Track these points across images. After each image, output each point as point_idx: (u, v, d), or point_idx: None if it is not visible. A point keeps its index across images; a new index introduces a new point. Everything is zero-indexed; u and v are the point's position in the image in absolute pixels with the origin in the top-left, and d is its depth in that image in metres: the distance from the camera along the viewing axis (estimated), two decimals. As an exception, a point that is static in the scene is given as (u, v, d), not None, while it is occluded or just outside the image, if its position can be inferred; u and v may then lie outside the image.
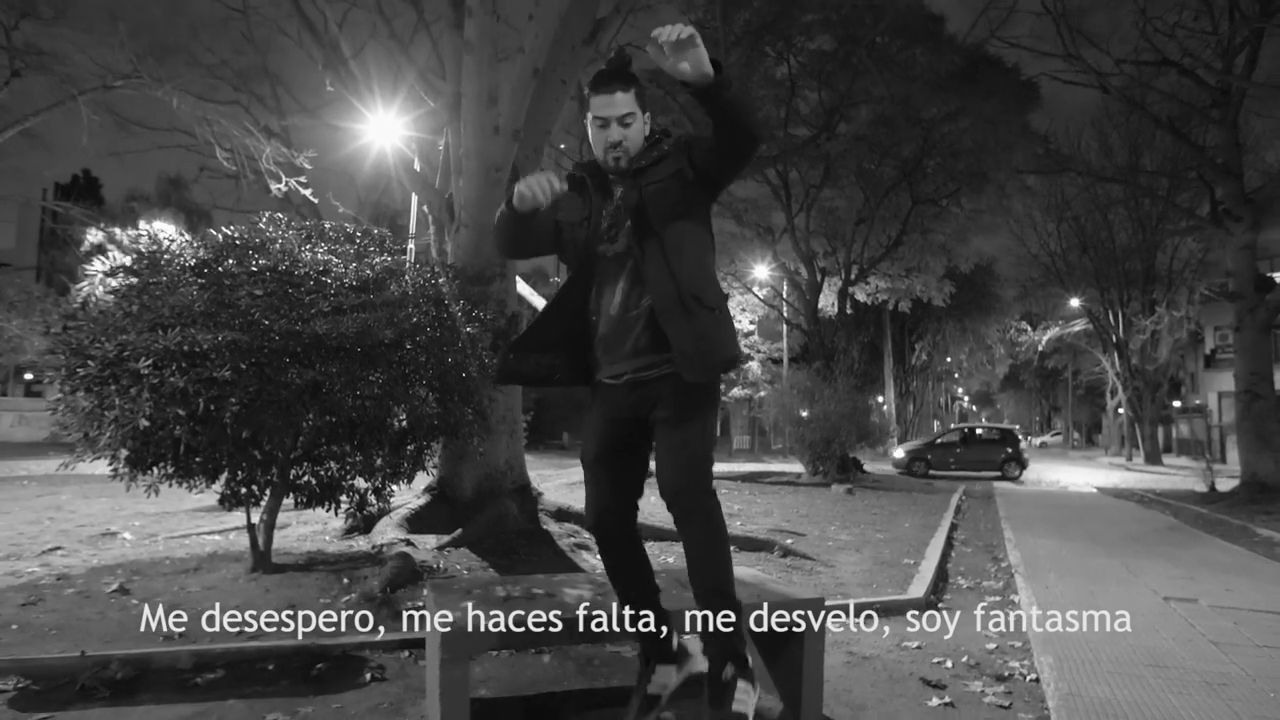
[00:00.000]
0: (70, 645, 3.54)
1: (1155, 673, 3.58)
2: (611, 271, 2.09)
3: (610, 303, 2.07)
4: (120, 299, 4.51)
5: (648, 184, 2.05)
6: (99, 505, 8.51)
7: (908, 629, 4.45)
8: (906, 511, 10.36)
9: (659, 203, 2.05)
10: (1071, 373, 44.62)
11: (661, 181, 2.05)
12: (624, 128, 2.02)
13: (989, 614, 4.86)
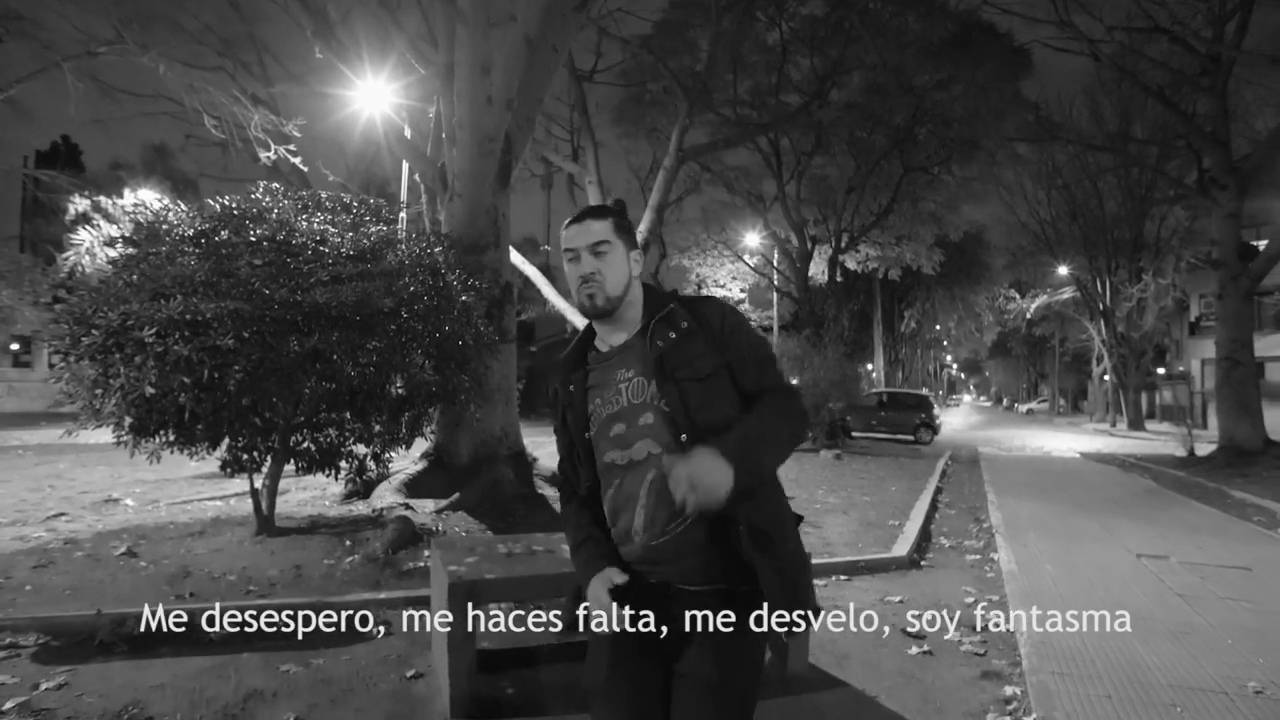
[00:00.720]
0: (85, 605, 3.67)
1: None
2: (627, 484, 1.59)
3: (630, 524, 1.58)
4: (120, 269, 4.57)
5: (683, 378, 1.56)
6: (98, 473, 8.60)
7: (891, 585, 4.64)
8: (893, 476, 10.58)
9: (705, 405, 1.56)
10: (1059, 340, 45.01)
11: (703, 381, 1.57)
12: (596, 257, 1.61)
13: (969, 571, 5.06)
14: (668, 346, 1.59)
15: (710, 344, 1.60)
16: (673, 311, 1.63)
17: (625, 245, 1.65)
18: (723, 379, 1.58)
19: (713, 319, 1.63)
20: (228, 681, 2.94)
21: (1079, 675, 3.10)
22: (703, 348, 1.59)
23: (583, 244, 1.62)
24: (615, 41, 15.57)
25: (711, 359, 1.58)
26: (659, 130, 18.71)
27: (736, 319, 1.66)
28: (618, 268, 1.62)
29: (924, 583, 4.75)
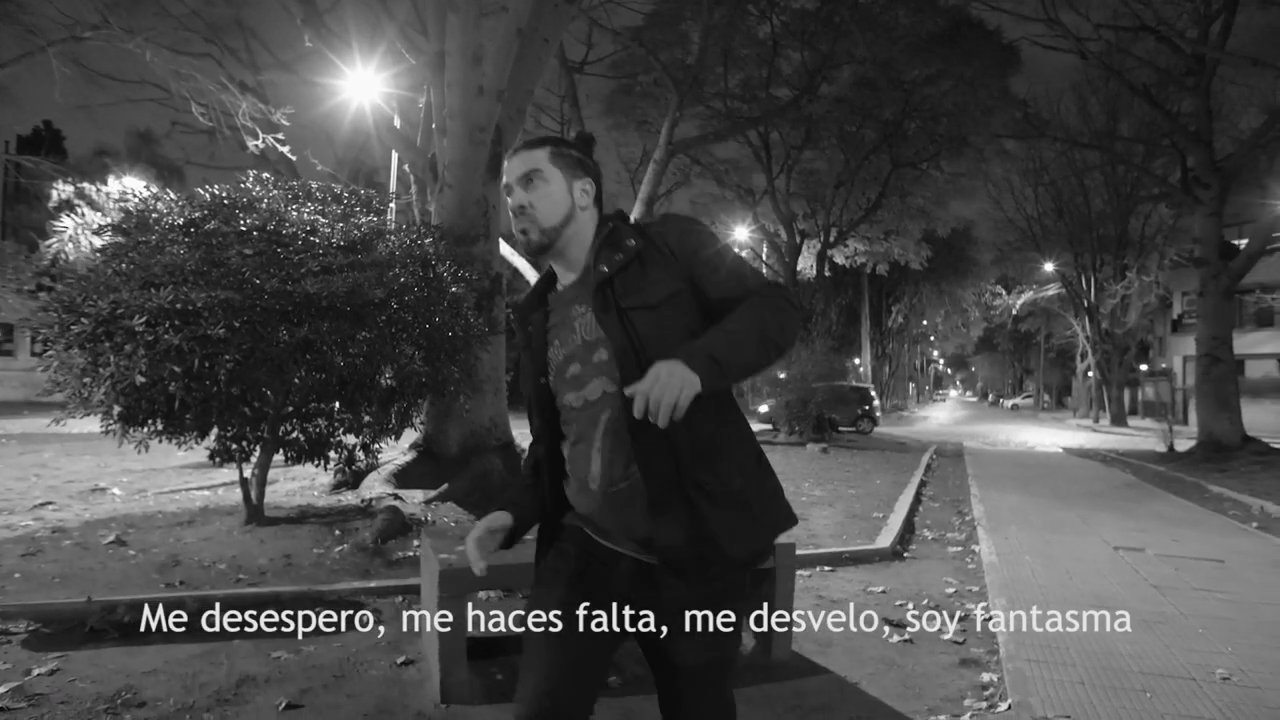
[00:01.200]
0: (75, 592, 3.69)
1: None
2: (583, 427, 1.44)
3: (587, 471, 1.43)
4: (109, 257, 4.57)
5: (631, 306, 1.39)
6: (84, 463, 8.57)
7: (874, 576, 4.72)
8: (879, 469, 10.70)
9: (656, 339, 1.37)
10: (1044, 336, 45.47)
11: (654, 309, 1.39)
12: (527, 189, 1.48)
13: (951, 562, 5.16)
14: (611, 271, 1.42)
15: (665, 266, 1.42)
16: (615, 231, 1.48)
17: (565, 174, 1.50)
18: (680, 305, 1.40)
19: (669, 236, 1.45)
20: (220, 667, 2.97)
21: (1054, 662, 3.18)
22: (656, 272, 1.42)
23: (514, 176, 1.50)
24: (606, 33, 15.57)
25: (667, 283, 1.40)
26: (649, 122, 18.72)
27: (699, 232, 1.48)
28: (551, 198, 1.48)
29: (906, 574, 4.83)
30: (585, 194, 1.51)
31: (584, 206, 1.51)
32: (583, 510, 1.47)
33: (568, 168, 1.50)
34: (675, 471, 1.36)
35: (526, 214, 1.47)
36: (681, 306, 1.39)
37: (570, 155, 1.51)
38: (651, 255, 1.43)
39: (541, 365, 1.52)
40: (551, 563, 1.49)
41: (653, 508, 1.36)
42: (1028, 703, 2.75)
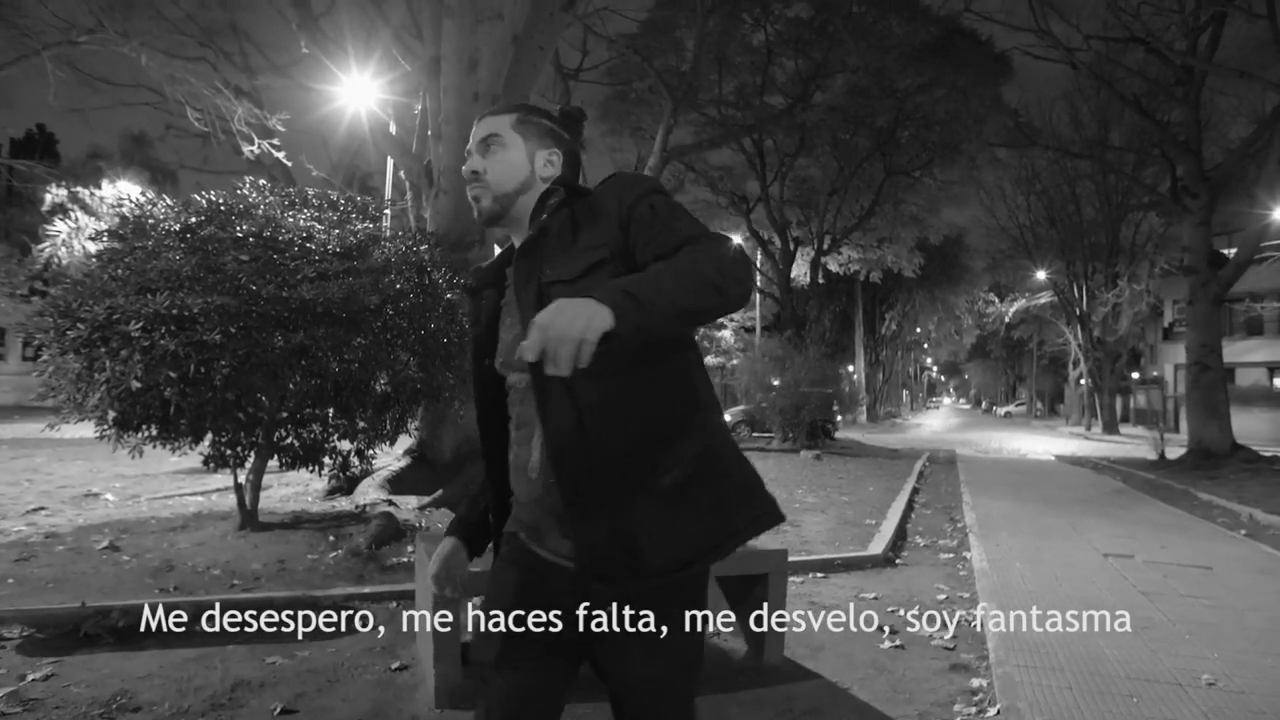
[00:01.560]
0: (69, 597, 3.69)
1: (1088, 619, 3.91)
2: (526, 411, 1.31)
3: (528, 459, 1.30)
4: (105, 262, 4.58)
5: (550, 280, 1.24)
6: (76, 468, 8.54)
7: (866, 582, 4.76)
8: (872, 476, 10.74)
9: None
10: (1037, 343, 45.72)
11: (572, 283, 1.21)
12: (484, 155, 1.38)
13: (942, 569, 5.19)
14: (533, 241, 1.29)
15: (597, 230, 1.25)
16: (550, 192, 1.37)
17: (528, 141, 1.38)
18: (601, 279, 1.19)
19: (608, 194, 1.29)
20: (215, 671, 2.98)
21: (1043, 667, 3.22)
22: (586, 238, 1.25)
23: (474, 141, 1.40)
24: (601, 40, 15.63)
25: (592, 252, 1.24)
26: (644, 129, 18.81)
27: (643, 185, 1.30)
28: (507, 164, 1.37)
29: (898, 580, 4.87)
30: (550, 165, 1.39)
31: (546, 177, 1.39)
32: (523, 498, 1.34)
33: (534, 135, 1.39)
34: (589, 457, 1.20)
35: (480, 180, 1.38)
36: (602, 280, 1.16)
37: (539, 124, 1.41)
38: (585, 218, 1.28)
39: (489, 345, 1.40)
40: (494, 583, 1.37)
41: (566, 501, 1.21)
42: (1016, 707, 2.79)
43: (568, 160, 1.42)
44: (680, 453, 1.23)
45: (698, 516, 1.22)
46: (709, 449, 1.26)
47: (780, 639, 3.30)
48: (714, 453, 1.27)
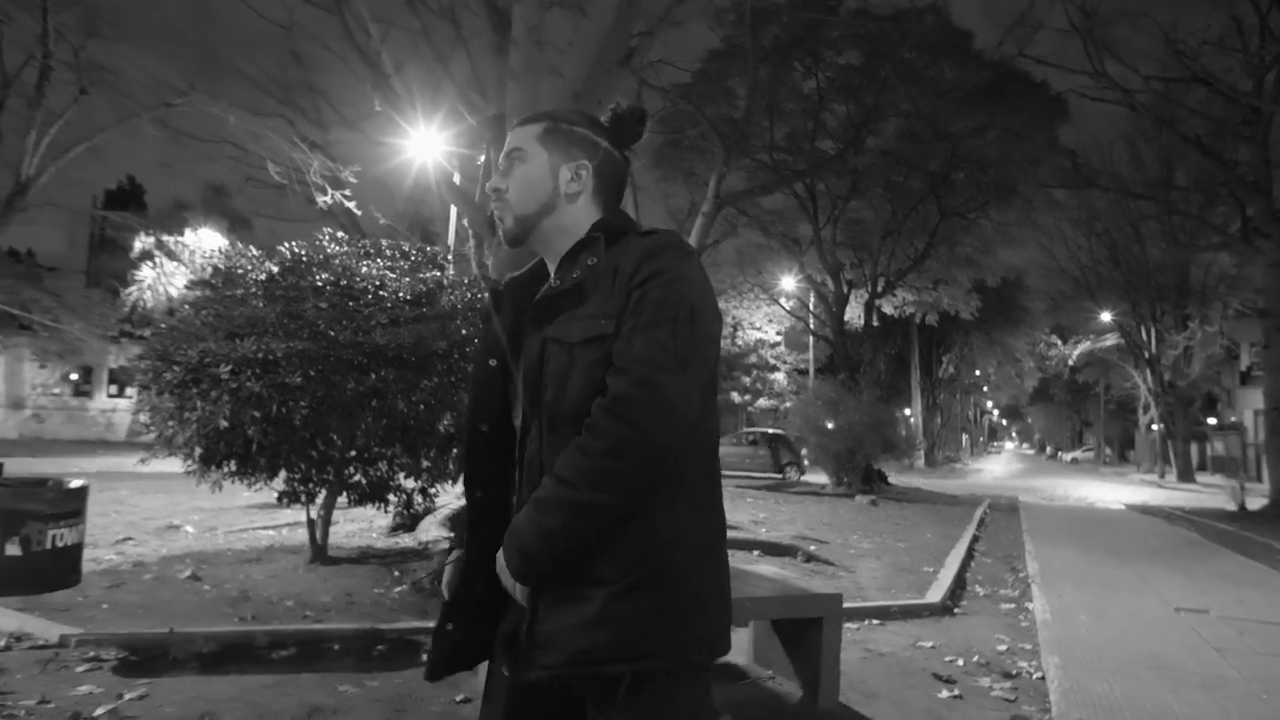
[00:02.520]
0: (157, 622, 3.93)
1: (1155, 674, 3.81)
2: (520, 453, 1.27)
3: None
4: (197, 309, 4.94)
5: (552, 336, 1.19)
6: (156, 500, 8.99)
7: (923, 630, 4.70)
8: (929, 522, 10.53)
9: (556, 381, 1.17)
10: (1103, 387, 44.11)
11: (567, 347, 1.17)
12: (505, 172, 1.29)
13: (1003, 619, 5.09)
14: (555, 292, 1.21)
15: (604, 298, 1.17)
16: (587, 243, 1.23)
17: (551, 155, 1.26)
18: (593, 353, 1.14)
19: (630, 259, 1.17)
20: (290, 697, 3.15)
21: (1107, 722, 3.16)
22: (595, 303, 1.17)
23: (500, 155, 1.31)
24: (655, 90, 16.09)
25: (592, 322, 1.16)
26: (696, 174, 19.15)
27: (652, 269, 1.14)
28: (526, 182, 1.26)
29: (956, 629, 4.80)
30: (575, 180, 1.27)
31: (571, 194, 1.27)
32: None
33: (559, 147, 1.27)
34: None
35: (501, 198, 1.29)
36: (593, 355, 1.14)
37: (569, 133, 1.29)
38: (605, 275, 1.18)
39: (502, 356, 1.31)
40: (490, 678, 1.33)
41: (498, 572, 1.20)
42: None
43: (603, 170, 1.29)
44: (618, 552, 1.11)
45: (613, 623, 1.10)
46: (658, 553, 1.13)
47: (835, 684, 3.31)
48: (676, 552, 1.14)
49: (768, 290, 23.97)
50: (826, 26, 15.99)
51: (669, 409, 1.08)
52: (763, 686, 3.51)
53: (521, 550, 1.11)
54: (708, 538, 1.21)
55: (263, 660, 3.59)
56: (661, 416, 1.08)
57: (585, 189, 1.28)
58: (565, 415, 1.14)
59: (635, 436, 1.07)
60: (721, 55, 17.39)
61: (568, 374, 1.15)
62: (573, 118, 1.31)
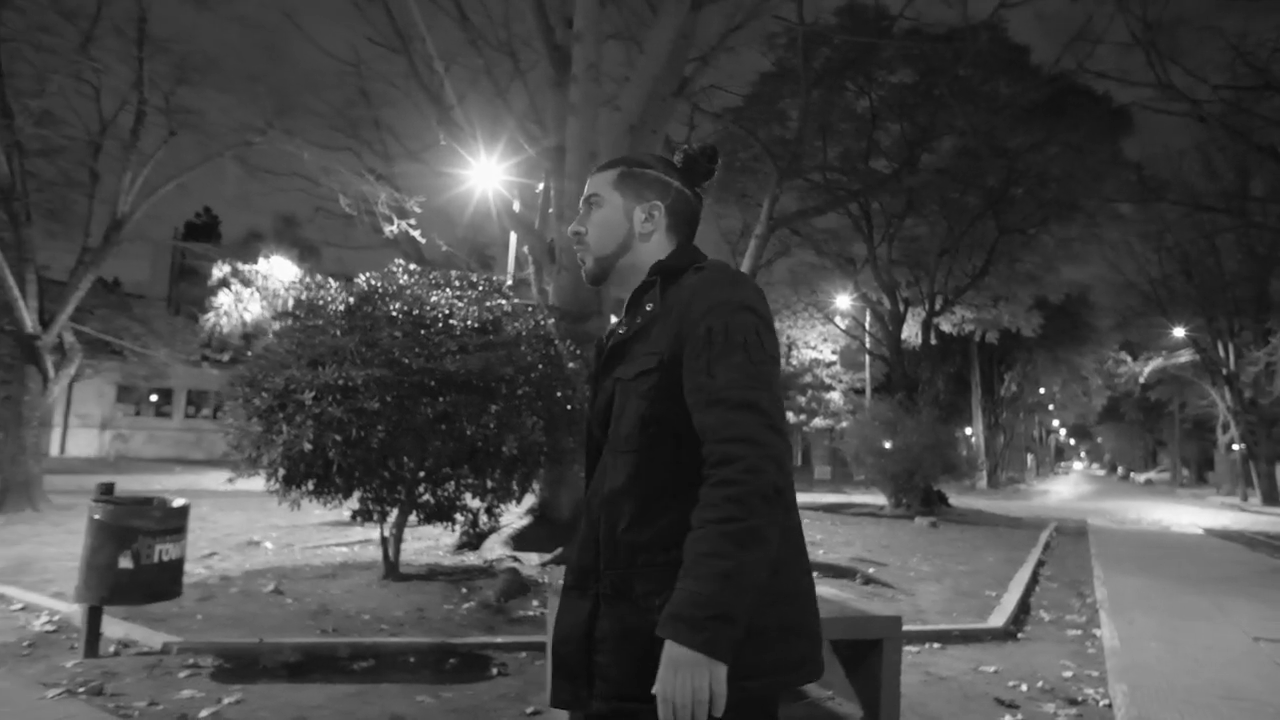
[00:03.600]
0: (246, 633, 4.21)
1: (1228, 704, 3.73)
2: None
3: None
4: (282, 337, 5.29)
5: (619, 360, 1.30)
6: (235, 517, 9.46)
7: (985, 655, 4.67)
8: (991, 546, 10.31)
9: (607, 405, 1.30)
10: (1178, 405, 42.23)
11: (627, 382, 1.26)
12: (585, 216, 1.39)
13: (1068, 645, 5.01)
14: (625, 335, 1.29)
15: (658, 335, 1.24)
16: (646, 287, 1.32)
17: (626, 199, 1.35)
18: (646, 384, 1.22)
19: (683, 299, 1.24)
20: (373, 705, 3.35)
21: (1176, 751, 3.12)
22: (653, 339, 1.24)
23: (581, 199, 1.42)
24: (707, 116, 16.32)
25: (646, 357, 1.23)
26: (749, 196, 19.24)
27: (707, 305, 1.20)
28: (604, 225, 1.35)
29: (1019, 655, 4.75)
30: (649, 220, 1.34)
31: (645, 234, 1.34)
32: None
33: (632, 191, 1.35)
34: (586, 557, 1.23)
35: (581, 241, 1.38)
36: (641, 387, 1.22)
37: (642, 175, 1.37)
38: (662, 313, 1.26)
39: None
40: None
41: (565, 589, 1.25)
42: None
43: (675, 209, 1.37)
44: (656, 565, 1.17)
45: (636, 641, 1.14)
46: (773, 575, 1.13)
47: (896, 706, 3.35)
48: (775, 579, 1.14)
49: (822, 309, 23.81)
50: (879, 47, 15.99)
51: (776, 422, 1.14)
52: (822, 707, 3.57)
53: (709, 617, 1.04)
54: (800, 559, 1.25)
55: (345, 670, 3.82)
56: (772, 430, 1.13)
57: (659, 227, 1.36)
58: (621, 445, 1.22)
59: (760, 452, 1.11)
60: (773, 78, 17.53)
61: (624, 407, 1.24)
62: (645, 161, 1.39)
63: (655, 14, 7.84)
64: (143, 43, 10.25)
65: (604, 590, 1.21)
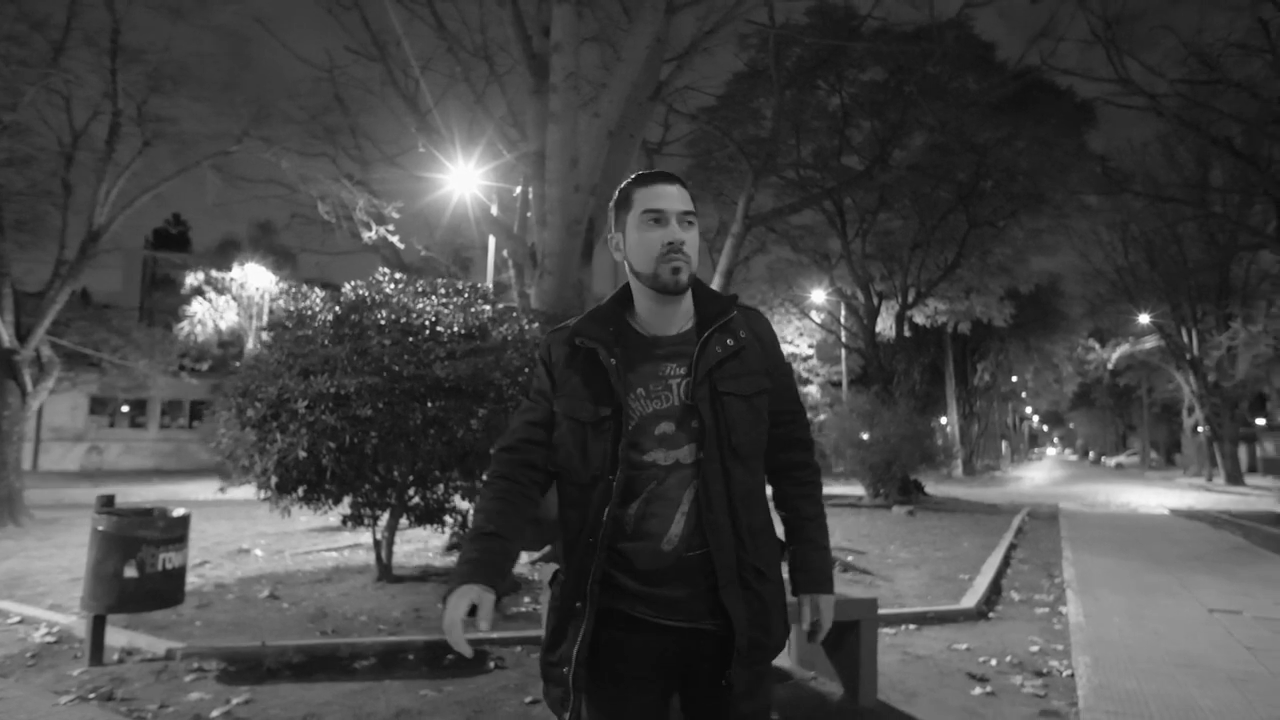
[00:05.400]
0: (248, 637, 4.32)
1: (1184, 671, 3.99)
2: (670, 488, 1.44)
3: (665, 531, 1.42)
4: (271, 347, 5.39)
5: (727, 391, 1.46)
6: (222, 526, 9.50)
7: (959, 634, 4.91)
8: (968, 532, 10.62)
9: (741, 426, 1.47)
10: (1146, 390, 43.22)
11: (747, 399, 1.49)
12: (684, 228, 1.46)
13: (1037, 623, 5.27)
14: (725, 355, 1.47)
15: (758, 360, 1.52)
16: (734, 320, 1.52)
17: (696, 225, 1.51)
18: (763, 401, 1.51)
19: (765, 335, 1.57)
20: (379, 701, 3.50)
21: (1133, 715, 3.36)
22: (752, 365, 1.51)
23: (674, 209, 1.45)
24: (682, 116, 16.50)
25: (758, 379, 1.51)
26: (725, 194, 19.46)
27: (775, 336, 1.63)
28: (696, 242, 1.48)
29: (991, 633, 4.99)
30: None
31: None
32: (644, 567, 1.41)
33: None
34: (735, 553, 1.43)
35: (684, 254, 1.45)
36: (763, 403, 1.52)
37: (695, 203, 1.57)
38: (750, 341, 1.51)
39: (616, 404, 1.44)
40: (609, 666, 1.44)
41: (722, 584, 1.41)
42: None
43: None
44: (775, 555, 1.54)
45: (783, 607, 1.54)
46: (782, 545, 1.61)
47: (874, 683, 3.56)
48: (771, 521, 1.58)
49: (799, 304, 24.12)
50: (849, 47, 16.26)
51: None
52: (806, 687, 3.77)
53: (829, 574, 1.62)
54: None
55: (348, 669, 3.95)
56: None
57: None
58: (751, 451, 1.49)
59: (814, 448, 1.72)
60: (746, 77, 17.76)
61: (746, 418, 1.48)
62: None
63: (631, 20, 7.99)
64: (116, 53, 10.21)
65: (747, 575, 1.45)
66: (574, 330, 1.52)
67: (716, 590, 1.41)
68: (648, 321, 1.51)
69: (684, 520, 1.41)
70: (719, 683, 1.43)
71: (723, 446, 1.43)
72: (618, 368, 1.45)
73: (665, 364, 1.47)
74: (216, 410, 5.16)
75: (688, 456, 1.43)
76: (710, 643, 1.42)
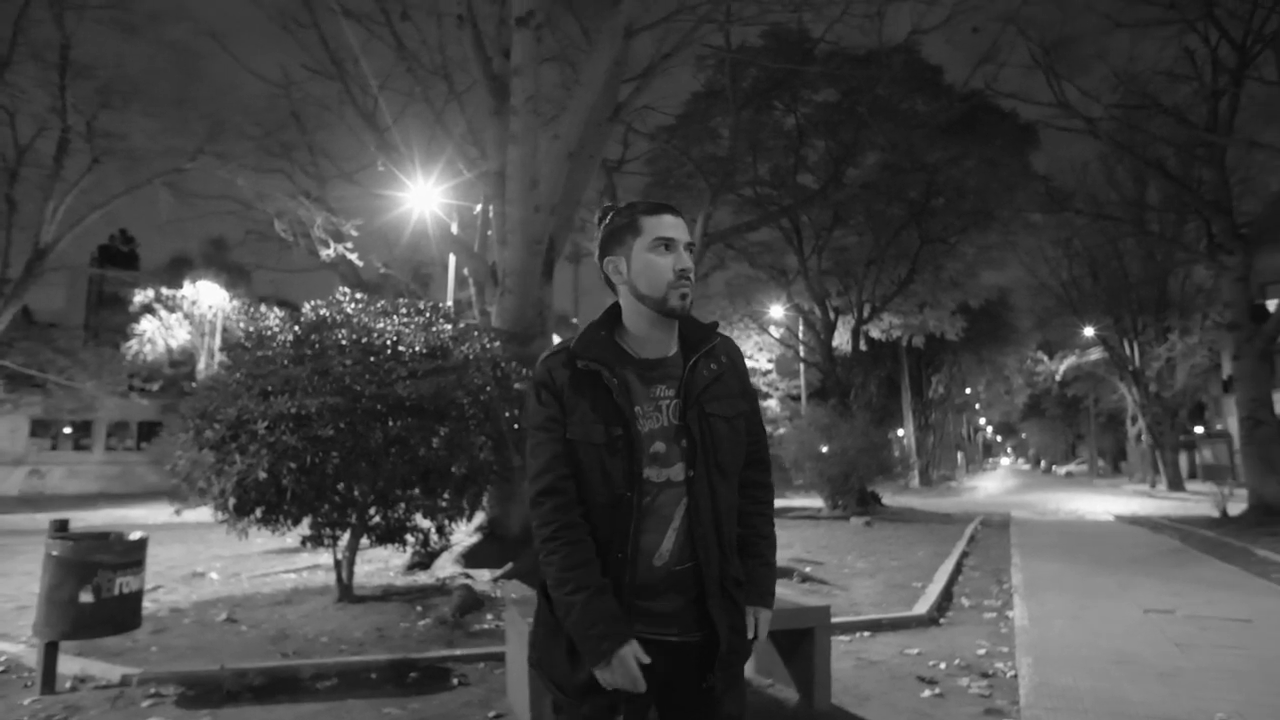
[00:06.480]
0: (206, 661, 4.29)
1: (1118, 668, 4.21)
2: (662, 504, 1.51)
3: (656, 547, 1.50)
4: (230, 369, 5.36)
5: (713, 413, 1.57)
6: (175, 550, 9.29)
7: (910, 640, 5.08)
8: (923, 541, 10.90)
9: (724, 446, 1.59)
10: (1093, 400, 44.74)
11: (729, 420, 1.60)
12: (690, 257, 1.57)
13: (985, 627, 5.48)
14: (710, 379, 1.58)
15: (737, 386, 1.64)
16: (717, 347, 1.62)
17: None
18: (741, 423, 1.62)
19: (739, 362, 1.68)
20: (343, 720, 3.52)
21: (1069, 709, 3.55)
22: (732, 388, 1.62)
23: (682, 239, 1.56)
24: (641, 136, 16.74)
25: (737, 402, 1.62)
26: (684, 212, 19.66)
27: (745, 362, 1.74)
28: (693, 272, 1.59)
29: (942, 638, 5.18)
30: None
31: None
32: (644, 583, 1.49)
33: None
34: (720, 565, 1.54)
35: (689, 280, 1.54)
36: (741, 425, 1.63)
37: None
38: (729, 366, 1.63)
39: (626, 423, 1.51)
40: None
41: (709, 595, 1.51)
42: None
43: None
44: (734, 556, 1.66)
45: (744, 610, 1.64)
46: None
47: (828, 687, 3.70)
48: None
49: (757, 320, 24.49)
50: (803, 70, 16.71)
51: None
52: (764, 694, 3.89)
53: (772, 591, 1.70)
54: None
55: (310, 690, 3.95)
56: None
57: None
58: (734, 469, 1.61)
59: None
60: (703, 97, 18.10)
61: (733, 440, 1.60)
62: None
63: (591, 44, 8.16)
64: (65, 69, 10.06)
65: (728, 585, 1.57)
66: (573, 352, 1.55)
67: (702, 601, 1.52)
68: (639, 344, 1.59)
69: (675, 535, 1.51)
70: (699, 689, 1.53)
71: (710, 465, 1.54)
72: (621, 387, 1.52)
73: (655, 385, 1.56)
74: (173, 432, 5.11)
75: (679, 474, 1.52)
76: (693, 653, 1.52)
